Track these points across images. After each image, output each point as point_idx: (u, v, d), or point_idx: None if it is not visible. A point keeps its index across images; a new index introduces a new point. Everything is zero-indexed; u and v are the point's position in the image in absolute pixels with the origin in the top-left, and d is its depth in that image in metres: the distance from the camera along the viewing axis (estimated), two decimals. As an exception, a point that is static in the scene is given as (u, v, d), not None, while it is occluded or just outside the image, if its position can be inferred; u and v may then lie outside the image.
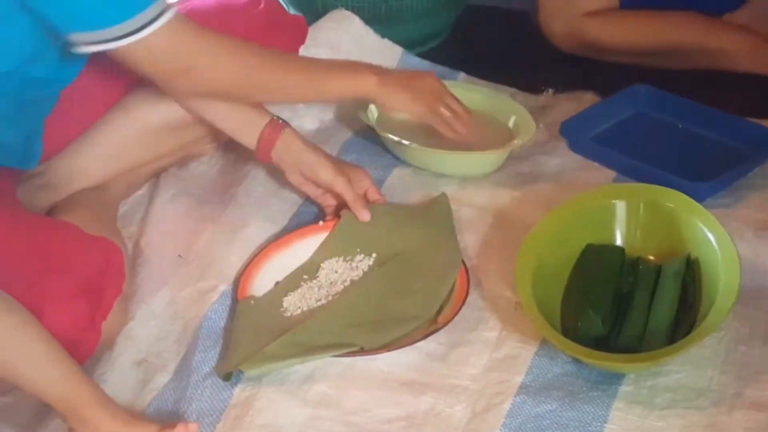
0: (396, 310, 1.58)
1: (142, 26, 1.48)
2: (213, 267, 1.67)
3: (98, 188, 1.75)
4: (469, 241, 1.72)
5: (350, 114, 1.97)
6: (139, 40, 1.49)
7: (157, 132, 1.76)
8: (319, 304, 1.62)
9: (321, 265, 1.68)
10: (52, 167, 1.73)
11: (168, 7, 1.51)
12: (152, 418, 1.46)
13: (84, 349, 1.51)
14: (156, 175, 1.86)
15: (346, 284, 1.65)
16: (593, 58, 2.16)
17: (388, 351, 1.52)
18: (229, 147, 1.90)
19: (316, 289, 1.64)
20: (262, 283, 1.65)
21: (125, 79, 1.75)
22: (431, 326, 1.56)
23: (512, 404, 1.46)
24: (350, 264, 1.68)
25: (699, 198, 1.64)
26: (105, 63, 1.70)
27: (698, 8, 2.14)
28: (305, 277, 1.66)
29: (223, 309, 1.60)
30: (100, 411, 1.40)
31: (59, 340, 1.43)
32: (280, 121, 1.71)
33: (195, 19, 1.62)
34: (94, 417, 1.40)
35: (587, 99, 2.06)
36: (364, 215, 1.71)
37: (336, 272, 1.67)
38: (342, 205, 1.74)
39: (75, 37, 1.49)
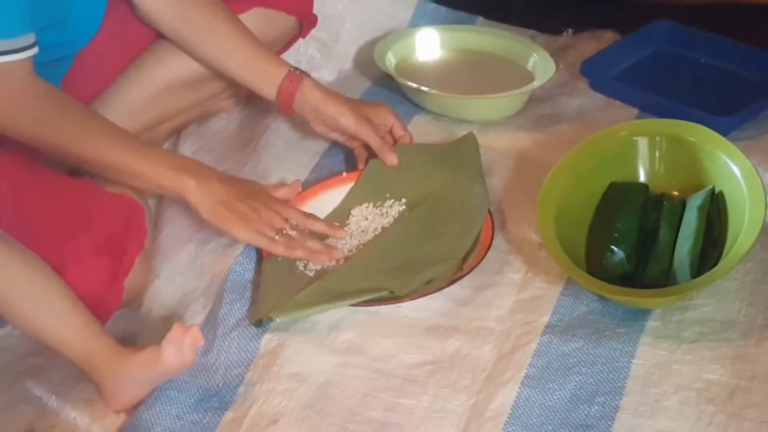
0: (426, 252, 1.58)
1: None
2: (236, 220, 1.67)
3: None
4: (493, 185, 1.72)
5: (369, 63, 1.96)
6: None
7: (175, 88, 1.76)
8: (350, 254, 1.61)
9: (351, 211, 1.67)
10: (72, 127, 1.72)
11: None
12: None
13: (107, 306, 1.52)
14: (176, 132, 1.86)
15: (377, 232, 1.64)
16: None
17: (412, 299, 1.52)
18: (249, 102, 1.90)
19: (347, 238, 1.63)
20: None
21: (140, 40, 1.75)
22: (457, 272, 1.56)
23: (539, 344, 1.45)
24: (380, 210, 1.67)
25: (723, 131, 1.62)
26: (119, 24, 1.70)
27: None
28: (335, 225, 1.65)
29: (248, 261, 1.60)
30: (117, 361, 1.41)
31: (82, 298, 1.45)
32: (298, 72, 1.70)
33: None
34: (111, 368, 1.41)
35: (608, 37, 2.04)
36: (392, 159, 1.70)
37: (366, 219, 1.66)
38: (370, 148, 1.72)
39: None
